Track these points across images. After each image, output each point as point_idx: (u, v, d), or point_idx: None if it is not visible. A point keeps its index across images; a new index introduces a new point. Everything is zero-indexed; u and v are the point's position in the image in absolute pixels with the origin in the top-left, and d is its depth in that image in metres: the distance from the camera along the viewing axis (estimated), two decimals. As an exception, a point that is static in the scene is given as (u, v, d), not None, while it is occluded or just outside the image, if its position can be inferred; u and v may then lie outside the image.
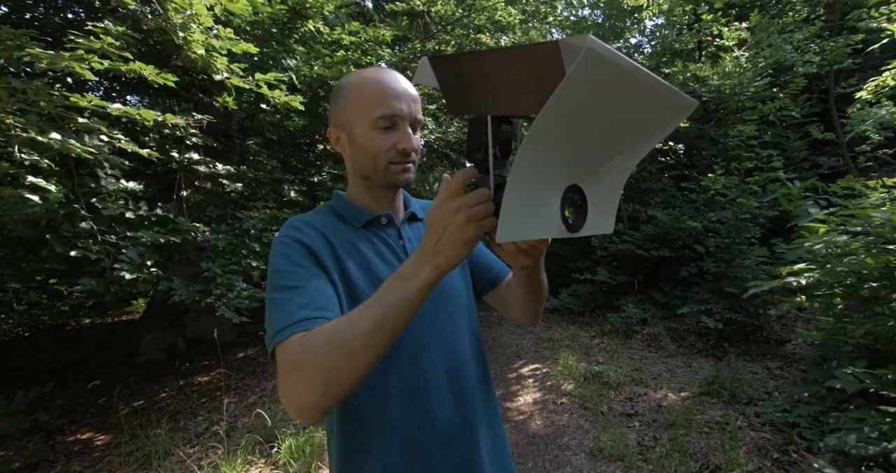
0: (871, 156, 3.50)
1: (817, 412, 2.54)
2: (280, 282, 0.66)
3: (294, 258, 0.69)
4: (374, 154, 0.75)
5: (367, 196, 0.82)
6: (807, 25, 4.84)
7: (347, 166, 0.82)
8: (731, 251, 4.04)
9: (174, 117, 2.39)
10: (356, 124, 0.75)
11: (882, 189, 2.58)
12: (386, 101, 0.73)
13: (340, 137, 0.79)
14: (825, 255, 2.09)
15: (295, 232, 0.73)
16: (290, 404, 0.55)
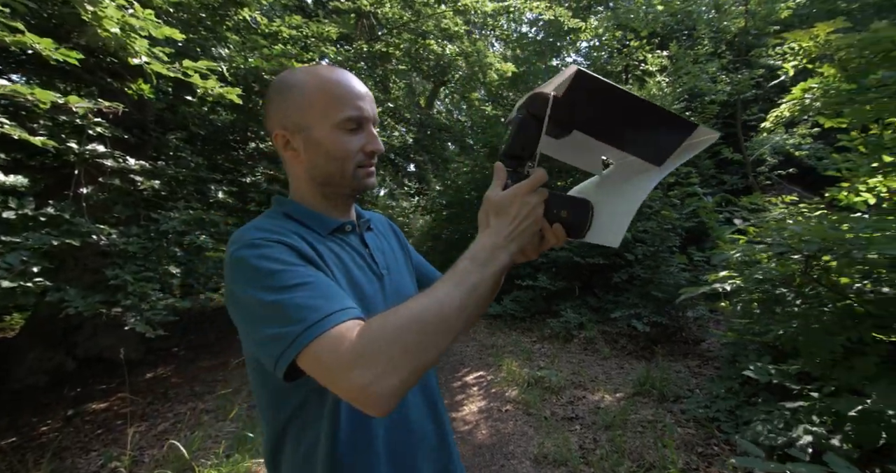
0: (769, 176, 4.01)
1: (733, 406, 2.79)
2: (278, 283, 0.58)
3: (282, 257, 0.61)
4: (343, 157, 0.72)
5: (325, 204, 0.77)
6: (716, 59, 5.44)
7: (296, 172, 0.76)
8: (656, 258, 4.36)
9: (81, 100, 2.05)
10: (316, 126, 0.70)
11: (781, 205, 2.92)
12: (352, 102, 0.71)
13: (291, 140, 0.72)
14: (741, 263, 2.30)
15: (267, 233, 0.65)
16: (364, 392, 0.51)
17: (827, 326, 1.79)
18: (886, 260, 1.66)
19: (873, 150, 2.25)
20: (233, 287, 0.61)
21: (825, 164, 3.22)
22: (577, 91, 0.59)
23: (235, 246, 0.63)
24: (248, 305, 0.59)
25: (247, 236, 0.64)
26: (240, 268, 0.60)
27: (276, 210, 0.76)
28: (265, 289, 0.58)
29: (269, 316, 0.56)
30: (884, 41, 2.02)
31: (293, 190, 0.78)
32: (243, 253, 0.61)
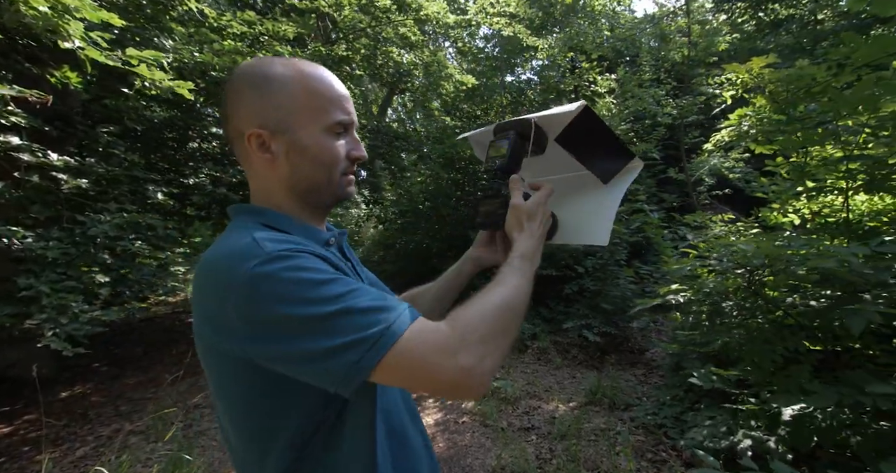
0: (706, 196, 4.37)
1: (678, 412, 2.94)
2: (331, 292, 0.54)
3: (321, 266, 0.57)
4: (330, 164, 0.67)
5: (306, 214, 0.71)
6: (659, 85, 5.88)
7: (269, 178, 0.67)
8: (605, 271, 4.56)
9: (1, 86, 1.78)
10: (303, 128, 0.65)
11: (720, 223, 3.16)
12: (342, 104, 0.67)
13: (270, 142, 0.65)
14: (687, 278, 2.45)
15: (289, 244, 0.58)
16: (470, 373, 0.54)
17: (766, 337, 1.93)
18: (815, 276, 1.83)
19: (798, 176, 2.51)
20: (250, 309, 0.52)
21: (753, 187, 3.56)
22: (581, 118, 0.75)
23: (251, 263, 0.53)
24: (288, 324, 0.52)
25: (264, 250, 0.55)
26: (267, 285, 0.52)
27: (253, 220, 0.66)
28: (315, 302, 0.52)
29: (328, 328, 0.52)
30: (806, 77, 2.26)
31: (262, 197, 0.69)
32: (269, 269, 0.53)
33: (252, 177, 0.69)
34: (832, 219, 2.46)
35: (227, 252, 0.57)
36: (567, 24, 7.24)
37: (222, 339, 0.55)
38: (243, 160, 0.68)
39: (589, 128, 0.77)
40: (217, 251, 0.59)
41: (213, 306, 0.55)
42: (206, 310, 0.56)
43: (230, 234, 0.62)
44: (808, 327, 1.94)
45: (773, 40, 7.77)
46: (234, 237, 0.60)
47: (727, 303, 2.14)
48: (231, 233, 0.63)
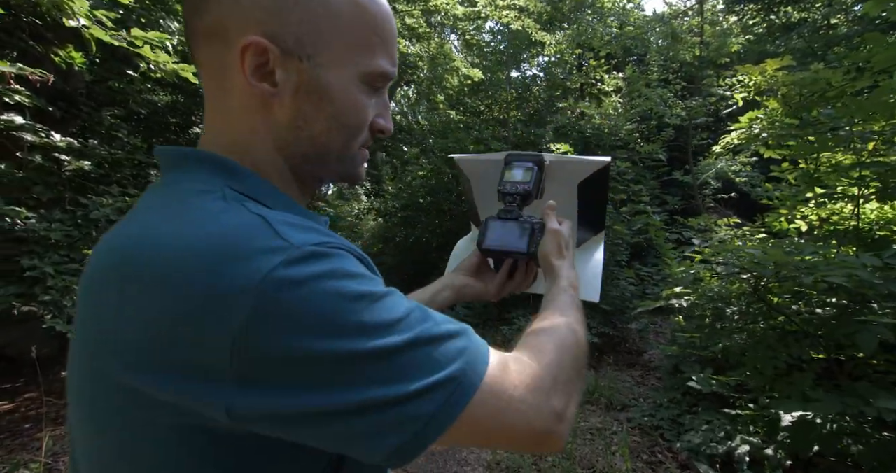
0: (711, 199, 4.35)
1: (675, 415, 2.95)
2: (389, 315, 0.36)
3: (367, 273, 0.39)
4: (355, 127, 0.46)
5: (294, 190, 0.49)
6: (668, 85, 5.84)
7: (253, 120, 0.44)
8: (605, 271, 4.54)
9: (2, 63, 1.75)
10: (333, 64, 0.43)
11: (726, 227, 3.14)
12: (393, 49, 0.47)
13: (276, 67, 0.41)
14: (691, 281, 2.44)
15: (322, 235, 0.38)
16: (561, 420, 0.42)
17: (769, 343, 1.92)
18: (822, 285, 1.81)
19: (808, 181, 2.48)
20: (264, 340, 0.32)
21: (758, 192, 3.54)
22: (601, 172, 0.77)
23: (271, 262, 0.32)
24: (331, 365, 0.33)
25: (290, 241, 0.34)
26: (302, 301, 0.32)
27: (221, 182, 0.41)
28: (376, 330, 0.34)
29: (395, 368, 0.35)
30: (821, 81, 2.23)
31: (229, 147, 0.44)
32: (304, 273, 0.33)
33: (218, 111, 0.45)
34: (841, 227, 2.45)
35: (205, 235, 0.34)
36: (575, 21, 7.17)
37: (162, 385, 0.32)
38: (213, 77, 0.43)
39: (601, 185, 0.79)
40: (176, 231, 0.35)
41: (155, 329, 0.32)
42: (125, 334, 0.33)
43: (192, 201, 0.38)
44: (813, 335, 1.93)
45: (783, 44, 7.70)
46: (209, 209, 0.37)
47: (731, 309, 2.13)
48: (192, 199, 0.38)
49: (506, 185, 0.75)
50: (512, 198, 0.75)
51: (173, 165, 0.44)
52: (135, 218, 0.40)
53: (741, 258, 1.93)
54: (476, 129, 6.66)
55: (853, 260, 1.63)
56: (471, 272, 0.80)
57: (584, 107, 6.06)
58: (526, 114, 7.11)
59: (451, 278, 0.78)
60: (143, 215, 0.40)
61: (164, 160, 0.45)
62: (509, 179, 0.76)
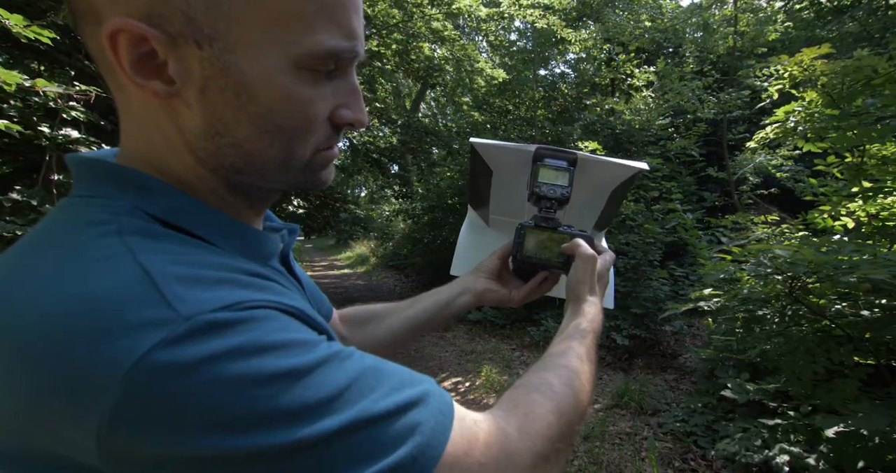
0: (750, 196, 4.13)
1: (710, 421, 2.82)
2: (318, 393, 0.28)
3: (296, 333, 0.31)
4: (294, 128, 0.35)
5: (233, 204, 0.40)
6: (702, 77, 5.60)
7: (156, 123, 0.35)
8: (637, 271, 4.41)
9: (48, 84, 1.92)
10: (255, 47, 0.32)
11: (763, 225, 2.98)
12: (344, 15, 0.34)
13: (166, 57, 0.32)
14: (724, 281, 2.34)
15: (232, 284, 0.31)
16: None
17: (809, 347, 1.82)
18: (866, 285, 1.69)
19: (853, 176, 2.32)
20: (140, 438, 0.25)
21: (801, 187, 3.33)
22: (634, 177, 0.74)
23: (144, 343, 0.25)
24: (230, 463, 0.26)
25: (174, 309, 0.27)
26: (196, 396, 0.25)
27: (128, 203, 0.33)
28: (300, 418, 0.27)
29: (323, 462, 0.28)
30: (865, 69, 2.09)
31: (155, 159, 0.36)
32: (194, 356, 0.26)
33: (125, 114, 0.36)
34: (892, 223, 2.27)
35: (68, 299, 0.27)
36: (604, 16, 7.00)
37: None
38: (104, 72, 0.35)
39: (627, 188, 0.76)
40: (38, 289, 0.28)
41: (10, 414, 0.27)
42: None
43: (75, 239, 0.31)
44: (858, 338, 1.80)
45: (835, 28, 7.21)
46: (86, 255, 0.29)
47: (764, 311, 2.03)
48: (78, 234, 0.31)
49: (542, 187, 0.68)
50: (549, 204, 0.68)
51: (79, 179, 0.36)
52: (12, 253, 0.32)
53: (772, 258, 1.83)
54: (503, 129, 6.63)
55: (898, 259, 1.52)
56: (492, 275, 0.72)
57: (612, 104, 5.91)
58: (554, 112, 7.01)
59: (470, 281, 0.71)
60: (21, 251, 0.32)
61: (73, 170, 0.36)
62: (545, 180, 0.68)
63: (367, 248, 12.92)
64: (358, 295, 7.80)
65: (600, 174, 0.73)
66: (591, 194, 0.77)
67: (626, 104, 5.84)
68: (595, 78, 6.76)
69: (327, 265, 13.01)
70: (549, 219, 0.68)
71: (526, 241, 0.68)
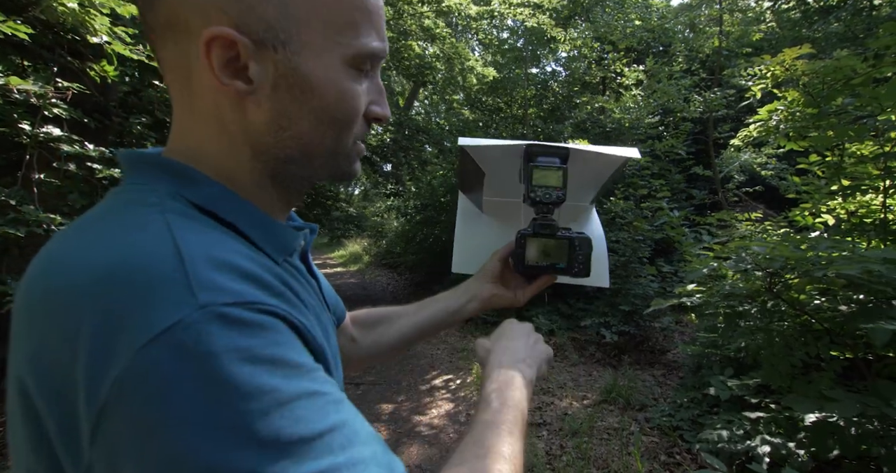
0: (736, 193, 4.19)
1: (695, 415, 2.87)
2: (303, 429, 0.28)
3: (291, 357, 0.30)
4: (346, 120, 0.41)
5: (271, 196, 0.43)
6: (690, 76, 5.66)
7: (227, 123, 0.38)
8: (626, 268, 4.46)
9: (23, 82, 1.90)
10: (313, 50, 0.37)
11: (747, 222, 3.03)
12: (380, 23, 0.41)
13: (249, 61, 0.36)
14: (708, 277, 2.37)
15: (250, 288, 0.31)
16: None
17: (788, 341, 1.85)
18: (840, 281, 1.73)
19: (832, 174, 2.37)
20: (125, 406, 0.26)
21: (785, 185, 3.38)
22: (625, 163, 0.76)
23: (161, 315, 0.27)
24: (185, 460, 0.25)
25: (199, 289, 0.28)
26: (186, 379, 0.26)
27: (173, 191, 0.36)
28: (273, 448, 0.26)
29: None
30: (845, 69, 2.13)
31: (199, 155, 0.39)
32: (210, 345, 0.26)
33: (186, 114, 0.40)
34: (869, 220, 2.32)
35: (103, 262, 0.29)
36: (594, 15, 7.03)
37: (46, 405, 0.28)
38: (177, 78, 0.38)
39: (619, 172, 0.80)
40: (83, 252, 0.31)
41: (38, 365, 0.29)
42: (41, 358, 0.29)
43: (120, 214, 0.34)
44: (835, 333, 1.84)
45: (821, 28, 7.31)
46: (129, 220, 0.33)
47: (745, 306, 2.06)
48: (125, 209, 0.35)
49: (536, 191, 0.68)
50: (546, 208, 0.69)
51: (128, 170, 0.39)
52: (68, 229, 0.36)
53: (752, 254, 1.87)
54: (494, 127, 6.64)
55: (871, 254, 1.55)
56: (496, 278, 0.72)
57: (602, 102, 5.95)
58: (545, 110, 7.03)
59: (475, 288, 0.72)
60: (75, 225, 0.35)
61: (123, 164, 0.40)
62: (539, 183, 0.68)
63: (360, 247, 12.90)
64: (351, 293, 7.78)
65: (594, 163, 0.75)
66: (587, 180, 0.80)
67: (615, 102, 5.88)
68: (586, 76, 6.79)
69: (320, 263, 12.97)
70: (547, 226, 0.69)
71: (527, 251, 0.69)
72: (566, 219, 0.83)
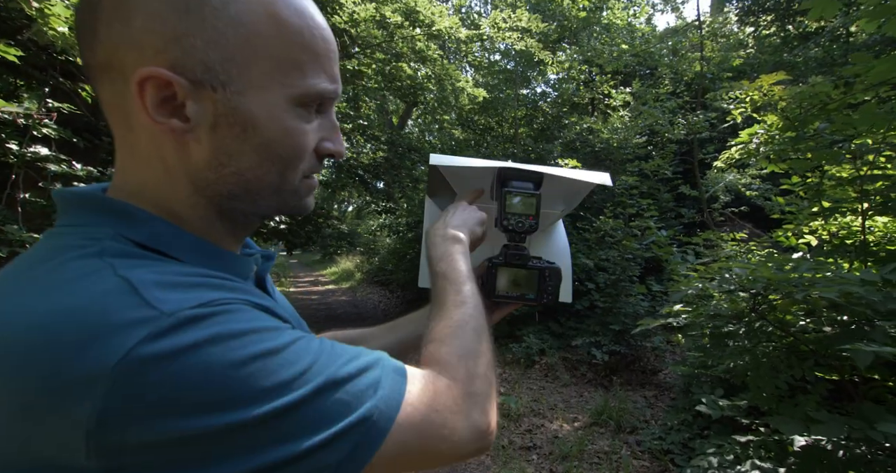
0: (722, 212, 4.25)
1: (686, 438, 2.83)
2: (292, 370, 0.33)
3: (264, 321, 0.36)
4: (289, 158, 0.41)
5: (218, 229, 0.43)
6: (675, 98, 5.81)
7: (166, 162, 0.39)
8: (616, 287, 4.46)
9: (6, 104, 1.92)
10: (256, 89, 0.38)
11: (732, 242, 3.06)
12: (329, 62, 0.42)
13: (187, 101, 0.37)
14: (696, 297, 2.38)
15: (207, 287, 0.35)
16: (488, 430, 0.44)
17: (774, 362, 1.85)
18: (821, 302, 1.75)
19: (812, 195, 2.41)
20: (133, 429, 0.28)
21: (770, 206, 3.44)
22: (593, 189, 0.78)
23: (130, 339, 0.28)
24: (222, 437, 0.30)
25: (156, 307, 0.30)
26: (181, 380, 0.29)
27: (111, 231, 0.36)
28: (269, 393, 0.31)
29: (299, 422, 0.32)
30: (821, 95, 2.20)
31: (140, 193, 0.40)
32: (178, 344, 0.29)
33: (127, 152, 0.40)
34: (850, 242, 2.35)
35: (53, 311, 0.30)
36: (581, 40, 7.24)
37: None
38: (116, 116, 0.39)
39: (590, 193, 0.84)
40: (24, 304, 0.31)
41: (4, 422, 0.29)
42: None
43: (58, 261, 0.34)
44: (820, 354, 1.84)
45: (800, 53, 7.57)
46: (68, 274, 0.32)
47: (730, 327, 2.07)
48: (61, 257, 0.34)
49: (510, 219, 0.67)
50: (519, 237, 0.69)
51: (63, 211, 0.39)
52: (1, 282, 0.35)
53: (733, 275, 1.88)
54: (485, 146, 6.72)
55: (851, 276, 1.57)
56: None
57: (590, 122, 6.07)
58: (535, 130, 7.15)
59: None
60: (6, 273, 0.35)
61: (58, 204, 0.40)
62: (512, 210, 0.68)
63: (352, 264, 12.82)
64: (342, 311, 7.70)
65: (568, 187, 0.77)
66: (559, 200, 0.82)
67: (603, 123, 6.00)
68: (574, 97, 6.94)
69: (312, 280, 12.85)
70: (518, 255, 0.69)
71: (498, 281, 0.68)
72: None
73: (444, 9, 5.56)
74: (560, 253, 0.83)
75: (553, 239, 0.85)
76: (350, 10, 4.85)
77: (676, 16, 13.47)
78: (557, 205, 0.85)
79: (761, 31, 8.92)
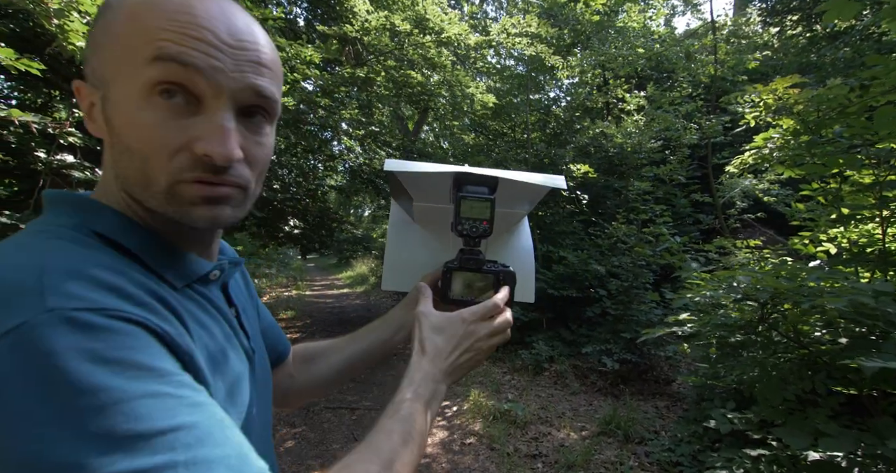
0: (738, 219, 4.13)
1: (696, 450, 2.75)
2: (142, 426, 0.28)
3: (145, 360, 0.31)
4: (142, 152, 0.39)
5: (172, 229, 0.44)
6: (692, 101, 5.69)
7: (107, 161, 0.43)
8: (629, 294, 4.38)
9: (23, 114, 2.04)
10: (119, 83, 0.39)
11: (745, 249, 2.97)
12: (185, 40, 0.37)
13: (99, 104, 0.41)
14: (708, 305, 2.32)
15: (105, 293, 0.32)
16: None
17: (783, 374, 1.79)
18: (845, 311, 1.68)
19: (832, 201, 2.33)
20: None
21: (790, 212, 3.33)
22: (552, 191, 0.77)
23: (14, 315, 0.29)
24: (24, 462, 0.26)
25: (48, 294, 0.30)
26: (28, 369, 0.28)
27: (73, 220, 0.40)
28: (107, 442, 0.27)
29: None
30: (840, 98, 2.12)
31: (108, 188, 0.44)
32: (52, 344, 0.28)
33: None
34: (869, 250, 2.26)
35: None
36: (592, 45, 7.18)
37: None
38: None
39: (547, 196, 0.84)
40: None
41: None
42: None
43: (9, 239, 0.37)
44: (835, 366, 1.77)
45: (828, 54, 7.32)
46: (9, 244, 0.36)
47: (738, 337, 2.01)
48: (13, 237, 0.38)
49: (464, 223, 0.68)
50: (473, 242, 0.70)
51: (46, 207, 0.43)
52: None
53: (739, 285, 1.83)
54: (497, 151, 6.71)
55: (863, 286, 1.51)
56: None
57: (603, 127, 6.00)
58: (548, 135, 7.10)
59: (402, 317, 0.73)
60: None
61: (44, 202, 0.44)
62: (467, 214, 0.68)
63: (367, 268, 12.93)
64: (355, 314, 7.76)
65: (522, 192, 0.76)
66: (524, 201, 0.82)
67: (616, 128, 5.92)
68: (588, 102, 6.88)
69: (328, 284, 13.01)
70: (473, 259, 0.69)
71: (453, 284, 0.69)
72: (499, 228, 0.80)
73: (455, 15, 5.61)
74: (523, 252, 0.83)
75: (516, 238, 0.86)
76: (363, 19, 4.93)
77: (696, 17, 13.21)
78: (522, 205, 0.85)
79: (786, 32, 8.66)
